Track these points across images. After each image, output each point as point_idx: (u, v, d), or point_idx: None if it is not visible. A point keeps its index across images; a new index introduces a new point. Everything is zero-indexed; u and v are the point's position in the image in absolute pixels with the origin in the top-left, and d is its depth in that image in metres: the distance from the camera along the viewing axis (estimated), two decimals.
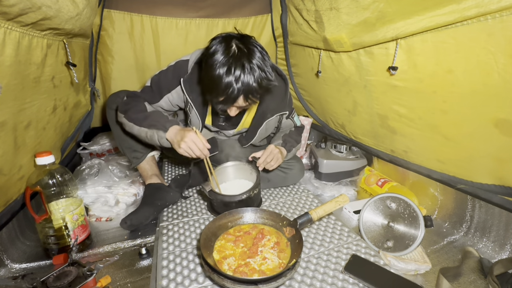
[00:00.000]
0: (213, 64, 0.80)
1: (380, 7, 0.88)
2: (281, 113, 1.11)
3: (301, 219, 0.79)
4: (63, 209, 0.88)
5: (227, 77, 0.79)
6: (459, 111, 0.83)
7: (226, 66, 0.79)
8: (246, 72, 0.80)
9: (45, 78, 0.93)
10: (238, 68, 0.79)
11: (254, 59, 0.81)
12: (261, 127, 1.08)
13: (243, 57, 0.80)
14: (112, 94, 1.15)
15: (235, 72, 0.79)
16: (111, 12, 1.43)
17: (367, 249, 0.85)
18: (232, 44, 0.82)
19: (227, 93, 0.80)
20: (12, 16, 0.66)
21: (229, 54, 0.80)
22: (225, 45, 0.81)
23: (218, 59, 0.80)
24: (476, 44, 0.70)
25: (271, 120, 1.09)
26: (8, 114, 0.76)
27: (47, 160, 0.85)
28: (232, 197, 0.96)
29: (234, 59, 0.79)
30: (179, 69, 1.01)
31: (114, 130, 1.12)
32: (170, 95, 1.03)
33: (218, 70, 0.79)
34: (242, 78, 0.80)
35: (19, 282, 0.70)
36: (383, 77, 1.02)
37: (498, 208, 0.86)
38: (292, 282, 0.72)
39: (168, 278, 0.74)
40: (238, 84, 0.80)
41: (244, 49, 0.81)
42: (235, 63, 0.79)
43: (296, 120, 1.22)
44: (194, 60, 1.00)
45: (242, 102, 0.86)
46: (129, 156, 1.15)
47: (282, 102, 1.10)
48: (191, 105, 1.00)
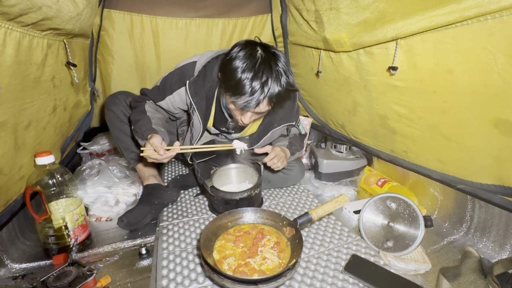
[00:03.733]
0: (238, 67, 0.81)
1: (380, 7, 0.88)
2: (288, 124, 1.10)
3: (301, 219, 0.79)
4: (63, 209, 0.88)
5: (255, 81, 0.80)
6: (459, 111, 0.83)
7: (254, 70, 0.81)
8: (273, 76, 0.82)
9: (45, 78, 0.93)
10: (266, 72, 0.81)
11: (280, 62, 0.84)
12: (266, 135, 1.08)
13: (270, 61, 0.82)
14: (110, 95, 1.15)
15: (262, 76, 0.81)
16: (111, 12, 1.42)
17: (367, 249, 0.85)
18: (258, 49, 0.84)
19: (252, 96, 0.81)
20: (12, 16, 0.66)
21: (255, 57, 0.82)
22: (250, 49, 0.83)
23: (244, 62, 0.81)
24: (476, 44, 0.70)
25: (277, 130, 1.09)
26: (8, 114, 0.76)
27: (47, 160, 0.85)
28: (233, 195, 0.96)
29: (261, 62, 0.81)
30: (184, 72, 1.02)
31: (112, 131, 1.13)
32: (171, 96, 1.04)
33: (245, 73, 0.80)
34: (269, 82, 0.81)
35: (19, 282, 0.70)
36: (383, 77, 1.02)
37: (498, 208, 0.86)
38: (292, 282, 0.72)
39: (168, 278, 0.74)
40: (265, 88, 0.81)
41: (269, 53, 0.84)
42: (263, 67, 0.81)
43: (301, 128, 1.22)
44: (202, 63, 0.99)
45: (265, 107, 0.86)
46: (127, 157, 1.15)
47: (290, 111, 1.09)
48: (194, 108, 0.99)
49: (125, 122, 1.11)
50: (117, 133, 1.11)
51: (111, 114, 1.10)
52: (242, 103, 0.84)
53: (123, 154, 1.16)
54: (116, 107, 1.11)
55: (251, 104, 0.83)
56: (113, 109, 1.10)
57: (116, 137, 1.13)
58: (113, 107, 1.10)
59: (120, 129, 1.11)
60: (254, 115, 0.92)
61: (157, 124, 0.99)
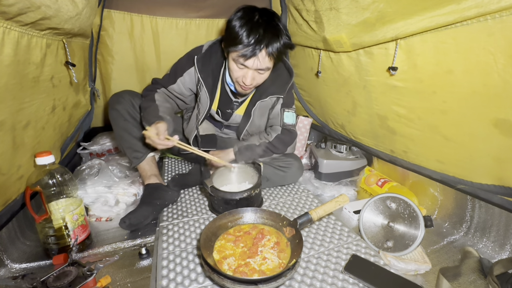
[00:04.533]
0: (238, 21, 0.90)
1: (380, 7, 0.88)
2: (277, 96, 1.12)
3: (301, 219, 0.79)
4: (63, 209, 0.88)
5: (253, 29, 0.88)
6: (459, 112, 0.83)
7: (252, 22, 0.89)
8: (271, 28, 0.89)
9: (44, 78, 0.93)
10: (264, 24, 0.89)
11: (279, 22, 0.93)
12: (255, 106, 1.11)
13: (268, 17, 0.91)
14: (114, 94, 1.16)
15: (260, 26, 0.88)
16: (111, 12, 1.42)
17: (367, 249, 0.85)
18: (256, 11, 0.93)
19: (249, 43, 0.87)
20: (11, 15, 0.66)
21: (254, 13, 0.91)
22: (250, 9, 0.93)
23: (243, 17, 0.90)
24: (476, 44, 0.70)
25: (265, 102, 1.12)
26: (6, 114, 0.76)
27: (47, 160, 0.85)
28: (233, 195, 0.96)
29: (260, 17, 0.90)
30: (192, 54, 1.10)
31: (116, 130, 1.13)
32: (182, 78, 1.12)
33: (244, 25, 0.89)
34: (267, 32, 0.88)
35: (19, 282, 0.70)
36: (383, 78, 1.02)
37: (498, 208, 0.86)
38: (292, 282, 0.72)
39: (168, 278, 0.74)
40: (263, 37, 0.88)
41: (268, 13, 0.93)
42: (261, 20, 0.90)
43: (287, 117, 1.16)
44: (209, 44, 1.09)
45: (264, 58, 0.91)
46: (129, 156, 1.15)
47: (281, 87, 1.12)
48: (202, 84, 1.06)
49: (129, 121, 1.11)
50: (121, 132, 1.12)
51: (115, 113, 1.11)
52: (241, 53, 0.90)
53: (125, 153, 1.16)
54: (120, 106, 1.11)
55: (249, 53, 0.89)
56: (118, 107, 1.11)
57: (119, 136, 1.13)
58: (118, 105, 1.11)
59: (123, 128, 1.11)
60: (256, 74, 0.97)
61: (164, 112, 1.05)
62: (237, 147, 1.17)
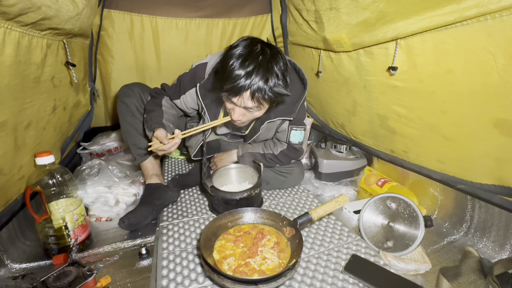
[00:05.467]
0: (232, 54, 0.82)
1: (380, 7, 0.88)
2: (284, 118, 1.06)
3: (301, 219, 0.79)
4: (63, 209, 0.88)
5: (241, 67, 0.79)
6: (459, 111, 0.83)
7: (242, 58, 0.80)
8: (262, 70, 0.80)
9: (45, 78, 0.93)
10: (256, 64, 0.79)
11: (276, 64, 0.82)
12: (263, 125, 1.07)
13: (264, 57, 0.81)
14: (124, 85, 1.13)
15: (249, 66, 0.79)
16: (111, 12, 1.42)
17: (367, 249, 0.85)
18: (258, 46, 0.83)
19: (234, 81, 0.80)
20: (12, 16, 0.66)
21: (251, 50, 0.81)
22: (250, 43, 0.83)
23: (238, 51, 0.81)
24: (476, 44, 0.70)
25: (273, 122, 1.07)
26: (8, 114, 0.76)
27: (47, 160, 0.85)
28: (233, 195, 0.96)
29: (253, 55, 0.80)
30: (196, 74, 1.05)
31: (122, 124, 1.11)
32: (184, 96, 1.08)
33: (236, 60, 0.80)
34: (255, 74, 0.79)
35: (19, 282, 0.70)
36: (383, 77, 1.02)
37: (498, 208, 0.86)
38: (292, 282, 0.72)
39: (168, 278, 0.74)
40: (249, 78, 0.79)
41: (268, 53, 0.82)
42: (252, 59, 0.80)
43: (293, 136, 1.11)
44: (212, 65, 1.01)
45: (248, 100, 0.84)
46: (133, 153, 1.14)
47: (292, 106, 1.04)
48: (205, 110, 1.03)
49: (136, 117, 1.10)
50: (127, 127, 1.10)
51: (124, 107, 1.09)
52: (227, 88, 0.83)
53: (129, 148, 1.14)
54: (129, 100, 1.09)
55: (234, 90, 0.82)
56: (126, 101, 1.08)
57: (125, 130, 1.11)
58: (127, 99, 1.09)
59: (130, 123, 1.09)
60: (244, 111, 0.90)
61: (168, 120, 1.01)
62: (241, 151, 1.17)
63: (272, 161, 1.16)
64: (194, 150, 1.19)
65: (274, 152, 1.15)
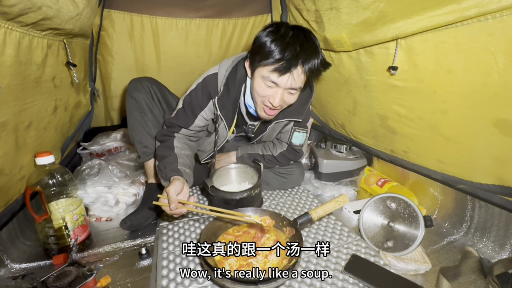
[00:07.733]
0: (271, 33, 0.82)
1: (380, 7, 0.88)
2: (293, 119, 1.07)
3: (301, 219, 0.79)
4: (63, 209, 0.88)
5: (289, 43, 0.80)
6: (459, 111, 0.83)
7: (289, 35, 0.81)
8: (309, 42, 0.82)
9: (46, 79, 0.93)
10: (300, 39, 0.81)
11: (315, 39, 0.86)
12: (270, 125, 1.07)
13: (301, 33, 0.84)
14: (134, 79, 1.09)
15: (296, 41, 0.80)
16: (111, 12, 1.42)
17: (367, 249, 0.85)
18: (288, 25, 0.85)
19: (286, 55, 0.79)
20: (12, 16, 0.66)
21: (288, 27, 0.84)
22: (282, 24, 0.85)
23: (277, 30, 0.82)
24: (476, 44, 0.70)
25: (279, 123, 1.08)
26: (9, 115, 0.76)
27: (47, 160, 0.85)
28: (233, 195, 0.96)
29: (293, 33, 0.82)
30: (207, 86, 1.00)
31: (130, 120, 1.09)
32: (203, 112, 1.03)
33: (277, 35, 0.81)
34: (304, 46, 0.80)
35: (19, 282, 0.70)
36: (383, 77, 1.02)
37: (498, 208, 0.86)
38: (292, 282, 0.72)
39: (168, 278, 0.74)
40: (300, 50, 0.80)
41: (301, 29, 0.86)
42: (297, 33, 0.82)
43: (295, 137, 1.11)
44: (223, 75, 0.98)
45: (300, 75, 0.83)
46: (138, 150, 1.12)
47: (300, 107, 1.05)
48: (222, 119, 1.00)
49: (145, 113, 1.07)
50: (135, 123, 1.07)
51: (133, 103, 1.05)
52: (273, 68, 0.81)
53: (135, 145, 1.12)
54: (139, 95, 1.06)
55: (283, 67, 0.80)
56: (136, 96, 1.05)
57: (132, 127, 1.08)
58: (136, 94, 1.05)
59: (138, 120, 1.07)
60: (286, 94, 0.88)
61: (183, 164, 0.95)
62: (240, 153, 1.17)
63: (271, 162, 1.16)
64: (206, 156, 1.18)
65: (273, 154, 1.15)
